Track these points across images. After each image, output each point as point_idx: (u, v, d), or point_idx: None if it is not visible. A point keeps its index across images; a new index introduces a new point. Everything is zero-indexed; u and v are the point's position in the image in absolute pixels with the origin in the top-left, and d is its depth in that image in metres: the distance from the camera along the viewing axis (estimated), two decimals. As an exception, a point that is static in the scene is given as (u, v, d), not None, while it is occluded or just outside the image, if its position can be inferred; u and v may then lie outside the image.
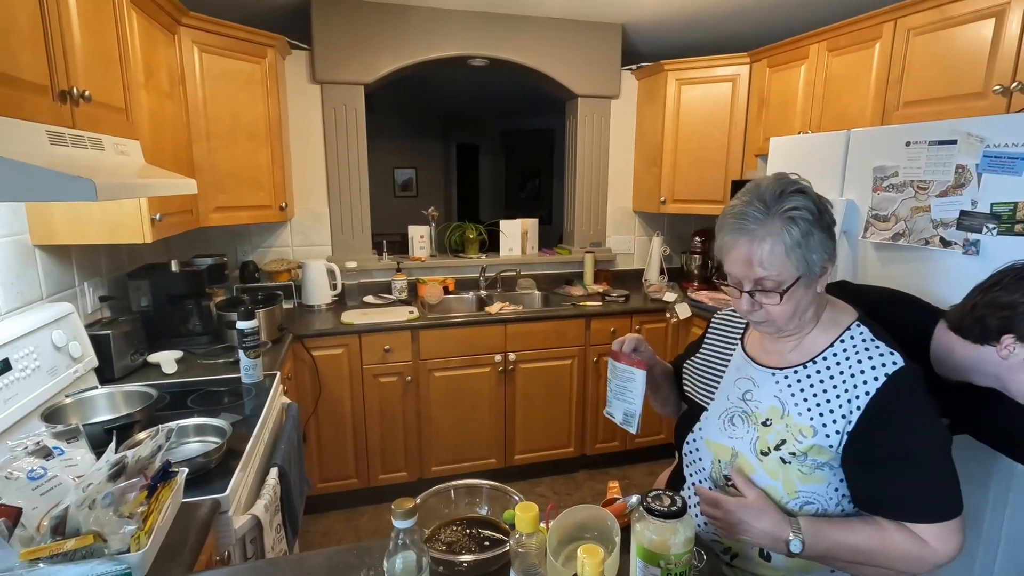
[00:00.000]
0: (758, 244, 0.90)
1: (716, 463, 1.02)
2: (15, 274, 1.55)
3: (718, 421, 1.03)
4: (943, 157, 1.48)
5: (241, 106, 2.38)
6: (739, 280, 0.95)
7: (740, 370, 1.05)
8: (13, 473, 0.94)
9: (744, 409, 1.01)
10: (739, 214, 0.92)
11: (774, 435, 0.95)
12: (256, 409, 1.60)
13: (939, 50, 1.91)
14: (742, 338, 1.11)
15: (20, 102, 1.08)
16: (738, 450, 0.98)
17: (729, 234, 0.93)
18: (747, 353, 1.07)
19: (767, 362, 1.02)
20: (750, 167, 2.92)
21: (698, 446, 1.06)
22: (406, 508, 0.75)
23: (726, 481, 1.00)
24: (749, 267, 0.91)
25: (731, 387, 1.05)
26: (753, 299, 0.94)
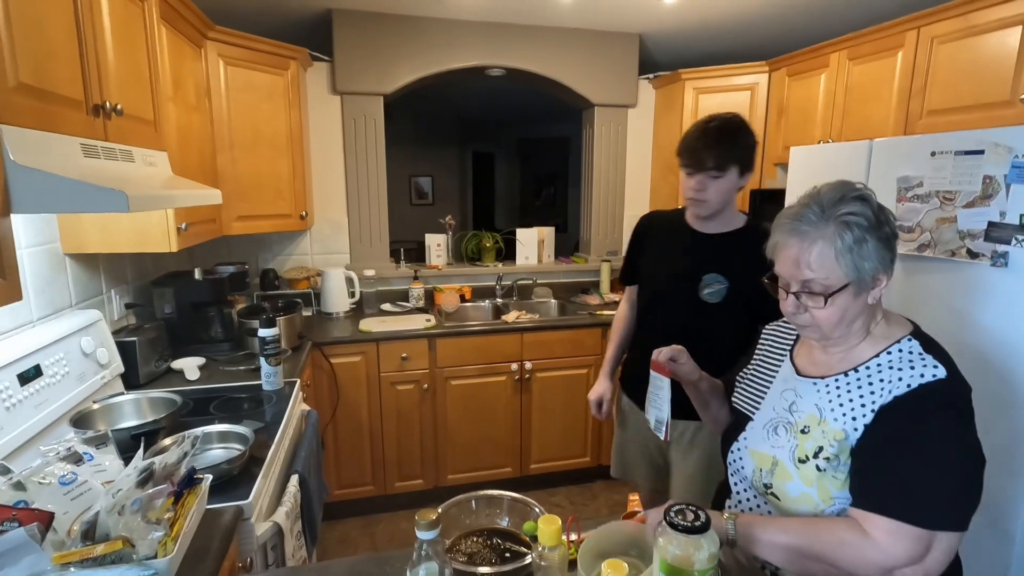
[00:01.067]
0: (808, 246, 0.90)
1: (757, 471, 1.01)
2: (46, 281, 1.59)
3: (762, 431, 1.03)
4: (970, 167, 1.46)
5: (264, 117, 2.43)
6: (787, 281, 0.95)
7: (787, 382, 1.05)
8: (46, 478, 0.96)
9: (789, 420, 1.00)
10: (795, 215, 0.92)
11: (812, 443, 0.95)
12: (277, 416, 1.62)
13: (964, 59, 1.89)
14: (791, 350, 1.10)
15: (56, 116, 1.12)
16: (778, 458, 0.98)
17: (782, 234, 0.94)
18: (795, 365, 1.06)
19: (812, 373, 1.02)
20: (769, 176, 2.90)
21: (742, 455, 1.06)
22: (429, 519, 0.75)
23: (766, 489, 0.99)
24: (797, 268, 0.91)
25: (777, 398, 1.05)
26: (798, 301, 0.94)
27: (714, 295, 1.46)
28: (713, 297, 1.46)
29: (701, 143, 1.35)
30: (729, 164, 1.35)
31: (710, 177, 1.36)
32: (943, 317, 1.56)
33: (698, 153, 1.35)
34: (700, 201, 1.41)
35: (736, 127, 1.39)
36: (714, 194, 1.39)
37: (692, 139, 1.37)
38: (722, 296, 1.45)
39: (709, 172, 1.35)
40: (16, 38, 1.00)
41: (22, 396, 1.28)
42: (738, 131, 1.38)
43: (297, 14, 2.70)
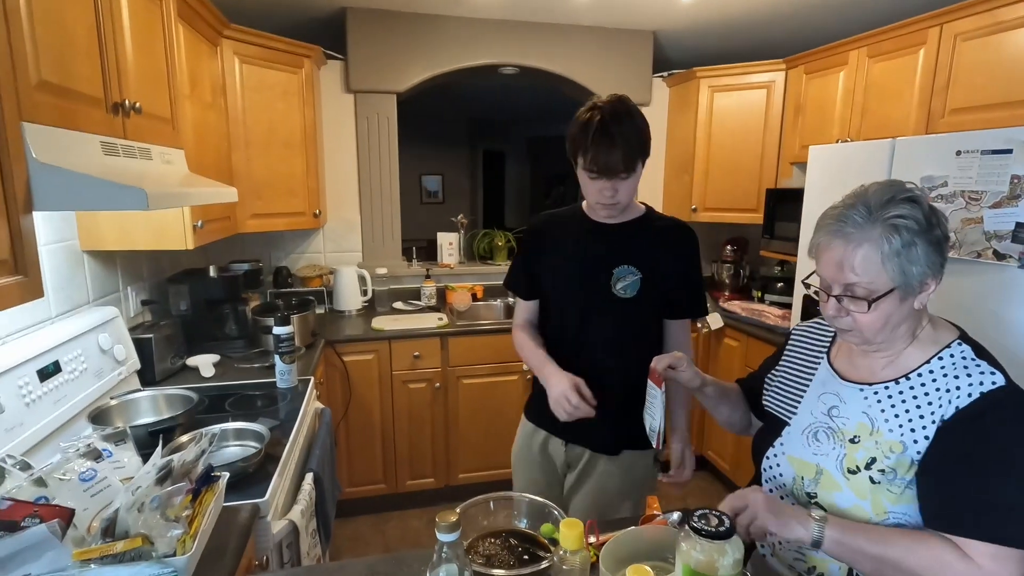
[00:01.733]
0: (853, 248, 0.86)
1: (798, 479, 0.97)
2: (65, 279, 1.60)
3: (801, 437, 0.99)
4: (997, 167, 1.43)
5: (278, 115, 2.43)
6: (828, 283, 0.91)
7: (825, 385, 1.01)
8: (66, 475, 0.97)
9: (830, 425, 0.96)
10: (839, 216, 0.88)
11: (863, 453, 0.91)
12: (291, 414, 1.62)
13: (989, 56, 1.85)
14: (828, 352, 1.06)
15: (77, 114, 1.12)
16: (823, 467, 0.94)
17: (825, 235, 0.90)
18: (833, 368, 1.02)
19: (855, 377, 0.98)
20: (785, 176, 2.86)
21: (779, 461, 1.02)
22: (450, 521, 0.74)
23: (809, 499, 0.95)
24: (840, 271, 0.87)
25: (815, 402, 1.01)
26: (840, 304, 0.90)
27: (628, 288, 1.35)
28: (627, 291, 1.35)
29: (603, 148, 1.20)
30: (636, 161, 1.26)
31: (620, 179, 1.25)
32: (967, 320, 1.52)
33: (604, 160, 1.22)
34: (612, 205, 1.30)
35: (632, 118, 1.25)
36: (625, 195, 1.29)
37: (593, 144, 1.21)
38: (636, 289, 1.34)
39: (619, 176, 1.25)
40: (38, 36, 1.00)
41: (41, 392, 1.29)
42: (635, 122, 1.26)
43: (311, 12, 2.70)
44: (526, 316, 1.53)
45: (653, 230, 1.38)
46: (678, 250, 1.38)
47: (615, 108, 1.24)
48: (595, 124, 1.21)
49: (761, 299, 3.00)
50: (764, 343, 2.55)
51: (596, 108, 1.24)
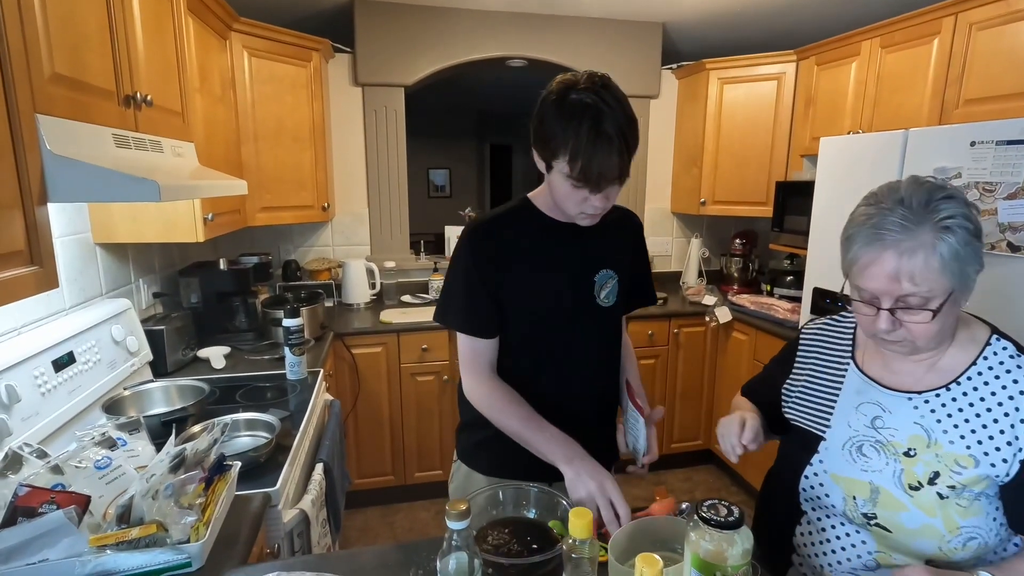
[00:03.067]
0: (908, 257, 0.79)
1: (850, 500, 0.90)
2: (78, 271, 1.62)
3: (843, 452, 0.92)
4: (1012, 157, 1.41)
5: (287, 109, 2.44)
6: (876, 296, 0.84)
7: (862, 394, 0.94)
8: (82, 462, 0.98)
9: (877, 438, 0.90)
10: (879, 223, 0.81)
11: (923, 467, 0.85)
12: (301, 405, 1.63)
13: (1005, 45, 1.82)
14: (852, 355, 0.98)
15: (89, 106, 1.13)
16: (878, 484, 0.88)
17: (865, 246, 0.82)
18: (866, 373, 0.95)
19: (897, 384, 0.91)
20: (795, 168, 2.84)
21: (821, 480, 0.94)
22: (460, 510, 0.75)
23: (867, 520, 0.89)
24: (895, 283, 0.80)
25: (852, 413, 0.94)
26: (894, 318, 0.83)
27: (610, 295, 1.18)
28: (609, 298, 1.18)
29: (600, 154, 0.95)
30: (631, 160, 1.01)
31: (616, 186, 1.03)
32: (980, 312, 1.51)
33: (599, 169, 0.96)
34: (600, 215, 1.08)
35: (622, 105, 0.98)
36: (614, 200, 1.07)
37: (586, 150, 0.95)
38: (616, 295, 1.19)
39: (616, 184, 1.02)
40: (51, 29, 1.01)
41: (56, 382, 1.30)
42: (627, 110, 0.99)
43: (319, 5, 2.70)
44: (486, 361, 1.15)
45: (611, 223, 1.18)
46: (634, 240, 1.26)
47: (602, 96, 0.95)
48: (586, 122, 0.94)
49: (770, 293, 2.98)
50: (773, 337, 2.54)
51: (575, 95, 0.96)
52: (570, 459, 1.02)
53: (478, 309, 1.13)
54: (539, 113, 1.02)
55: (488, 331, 1.14)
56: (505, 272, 1.12)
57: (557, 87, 1.00)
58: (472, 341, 1.14)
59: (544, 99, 1.02)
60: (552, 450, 1.04)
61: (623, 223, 1.25)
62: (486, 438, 1.18)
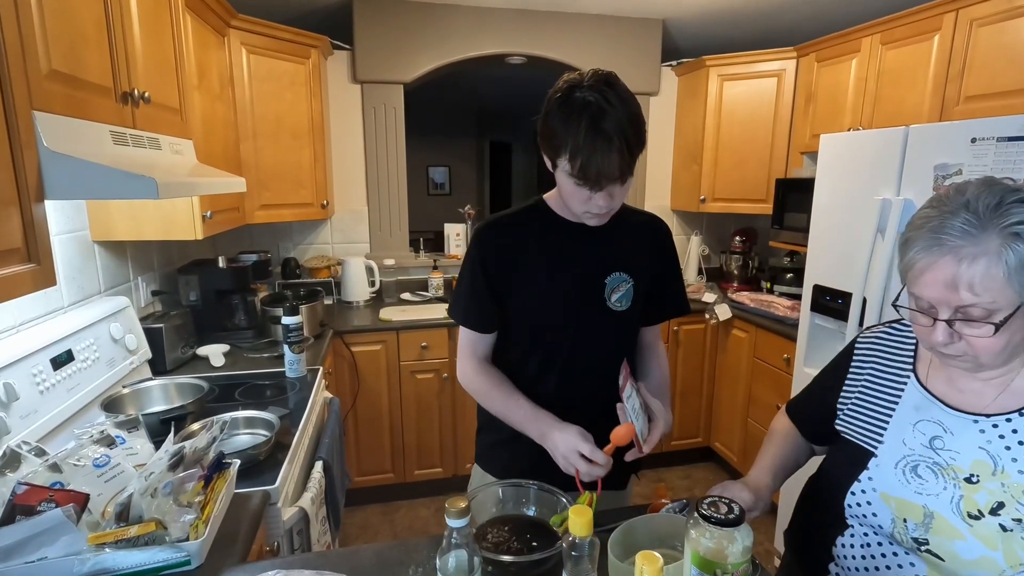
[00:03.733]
0: (968, 264, 0.73)
1: (899, 522, 0.85)
2: (76, 269, 1.62)
3: (895, 471, 0.86)
4: (1013, 154, 1.41)
5: (285, 106, 2.43)
6: (934, 306, 0.78)
7: (921, 411, 0.88)
8: (80, 461, 0.98)
9: (935, 460, 0.84)
10: (939, 227, 0.75)
11: (986, 495, 0.79)
12: (301, 403, 1.63)
13: (1006, 41, 1.82)
14: (914, 368, 0.92)
15: (87, 103, 1.13)
16: (933, 509, 0.82)
17: (923, 251, 0.76)
18: (928, 390, 0.89)
19: (962, 404, 0.85)
20: (795, 165, 2.83)
21: (869, 499, 0.88)
22: (460, 507, 0.75)
23: (918, 545, 0.83)
24: (953, 291, 0.75)
25: (908, 430, 0.88)
26: (951, 329, 0.77)
27: (623, 299, 1.15)
28: (623, 302, 1.15)
29: (598, 153, 0.94)
30: (635, 160, 1.00)
31: (618, 186, 1.01)
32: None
33: (598, 167, 0.96)
34: (605, 214, 1.07)
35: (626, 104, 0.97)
36: (621, 199, 1.06)
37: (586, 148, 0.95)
38: (630, 299, 1.16)
39: (617, 183, 1.01)
40: (48, 25, 1.01)
41: (55, 380, 1.30)
42: (630, 109, 0.97)
43: (317, 2, 2.69)
44: (481, 352, 1.20)
45: (632, 227, 1.18)
46: (661, 247, 1.22)
47: (604, 94, 0.95)
48: (584, 120, 0.94)
49: (770, 290, 2.98)
50: (773, 334, 2.54)
51: (579, 93, 0.96)
52: (542, 436, 1.06)
53: (477, 304, 1.16)
54: (544, 111, 1.01)
55: (483, 326, 1.18)
56: (513, 270, 1.14)
57: (563, 85, 1.00)
58: (469, 332, 1.19)
59: (550, 97, 1.01)
60: (528, 429, 1.09)
61: (647, 228, 1.21)
62: (499, 441, 1.22)
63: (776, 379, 2.52)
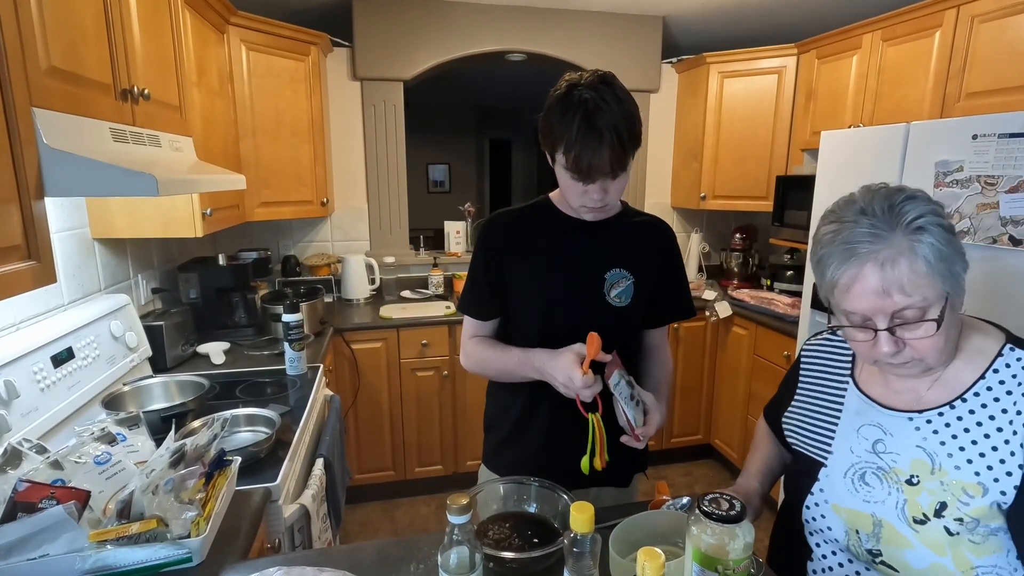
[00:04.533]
0: (891, 267, 0.71)
1: (852, 534, 0.82)
2: (76, 266, 1.62)
3: (844, 480, 0.84)
4: (1014, 151, 1.40)
5: (285, 103, 2.43)
6: (869, 317, 0.75)
7: (862, 415, 0.86)
8: (81, 458, 0.98)
9: (879, 464, 0.81)
10: (848, 238, 0.73)
11: (927, 496, 0.76)
12: (301, 400, 1.63)
13: (1007, 38, 1.81)
14: (852, 373, 0.90)
15: (86, 100, 1.12)
16: (881, 517, 0.79)
17: (842, 264, 0.74)
18: (865, 393, 0.87)
19: (897, 404, 0.83)
20: (796, 162, 2.83)
21: (823, 512, 0.86)
22: (461, 504, 0.75)
23: (872, 557, 0.81)
24: (885, 297, 0.72)
25: (853, 437, 0.85)
26: (895, 337, 0.74)
27: (623, 295, 1.17)
28: (622, 298, 1.17)
29: (589, 147, 0.99)
30: (628, 157, 1.04)
31: (610, 180, 1.05)
32: (982, 308, 1.51)
33: (589, 161, 1.00)
34: (602, 208, 1.11)
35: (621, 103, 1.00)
36: (615, 195, 1.09)
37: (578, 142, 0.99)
38: (630, 296, 1.17)
39: (608, 177, 1.04)
40: (47, 22, 1.00)
41: (56, 378, 1.30)
42: (625, 108, 1.01)
43: (317, -1, 2.69)
44: (477, 333, 1.26)
45: (633, 227, 1.21)
46: (663, 248, 1.23)
47: (600, 92, 1.00)
48: (578, 116, 0.99)
49: (770, 287, 2.98)
50: (773, 331, 2.54)
51: (576, 91, 1.00)
52: (541, 369, 1.09)
53: (476, 293, 1.23)
54: (545, 108, 1.06)
55: (481, 314, 1.25)
56: (513, 262, 1.19)
57: (563, 84, 1.05)
58: (470, 320, 1.27)
59: (550, 95, 1.06)
60: (527, 371, 1.13)
61: (650, 229, 1.23)
62: (505, 440, 1.28)
63: (776, 376, 2.52)
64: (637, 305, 1.19)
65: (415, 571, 0.91)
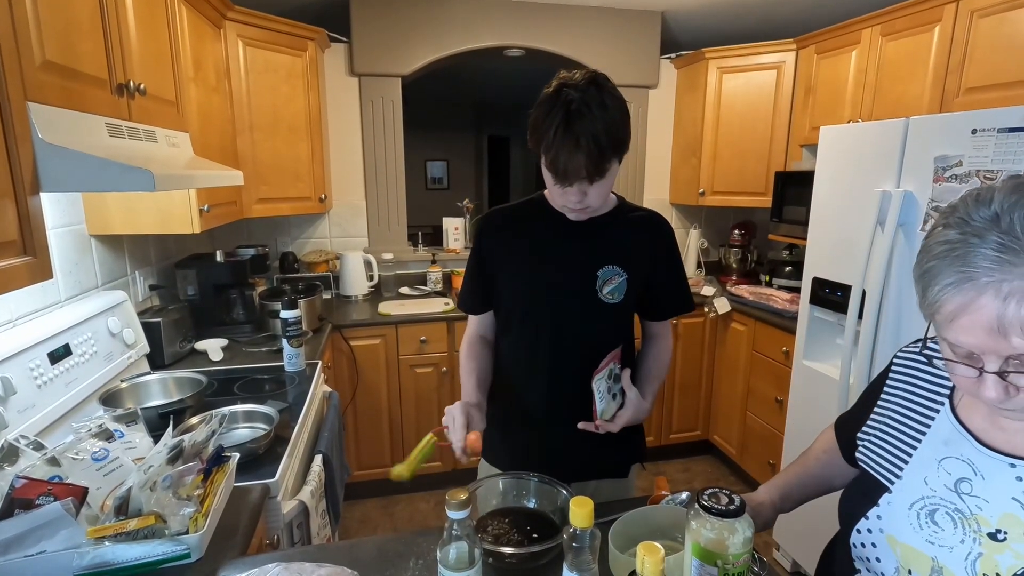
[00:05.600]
0: (1017, 304, 0.56)
1: (904, 572, 0.73)
2: (73, 263, 1.61)
3: (909, 513, 0.73)
4: (1014, 145, 1.40)
5: (282, 99, 2.42)
6: (977, 354, 0.62)
7: (950, 446, 0.73)
8: (79, 454, 0.98)
9: (957, 506, 0.70)
10: (965, 256, 0.59)
11: (1011, 557, 0.65)
12: (300, 397, 1.63)
13: (1007, 32, 1.81)
14: (950, 396, 0.77)
15: (82, 95, 1.11)
16: (943, 564, 0.69)
17: (952, 288, 0.60)
18: (961, 421, 0.74)
19: (1000, 444, 0.70)
20: (795, 158, 2.83)
21: (875, 540, 0.77)
22: (460, 499, 0.74)
23: None
24: (1000, 339, 0.58)
25: (932, 467, 0.74)
26: (1005, 382, 0.61)
27: (616, 292, 1.17)
28: (615, 295, 1.17)
29: (565, 151, 0.99)
30: (607, 164, 1.04)
31: (588, 184, 1.05)
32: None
33: (564, 164, 1.00)
34: (583, 209, 1.11)
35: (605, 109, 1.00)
36: (596, 198, 1.09)
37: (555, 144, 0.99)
38: (623, 292, 1.17)
39: (585, 181, 1.04)
40: (42, 15, 0.99)
41: (53, 374, 1.30)
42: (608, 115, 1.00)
43: (315, -6, 2.67)
44: (477, 330, 1.30)
45: (629, 223, 1.21)
46: (659, 243, 1.22)
47: (585, 96, 0.98)
48: (559, 118, 0.98)
49: (769, 283, 2.98)
50: (772, 327, 2.54)
51: (564, 91, 1.00)
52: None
53: (470, 287, 1.28)
54: (535, 104, 1.06)
55: (474, 307, 1.30)
56: (504, 258, 1.22)
57: (555, 81, 1.04)
58: (472, 316, 1.32)
59: (543, 91, 1.06)
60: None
61: (646, 225, 1.22)
62: (505, 435, 1.26)
63: (775, 372, 2.53)
64: (630, 301, 1.19)
65: (414, 567, 0.91)
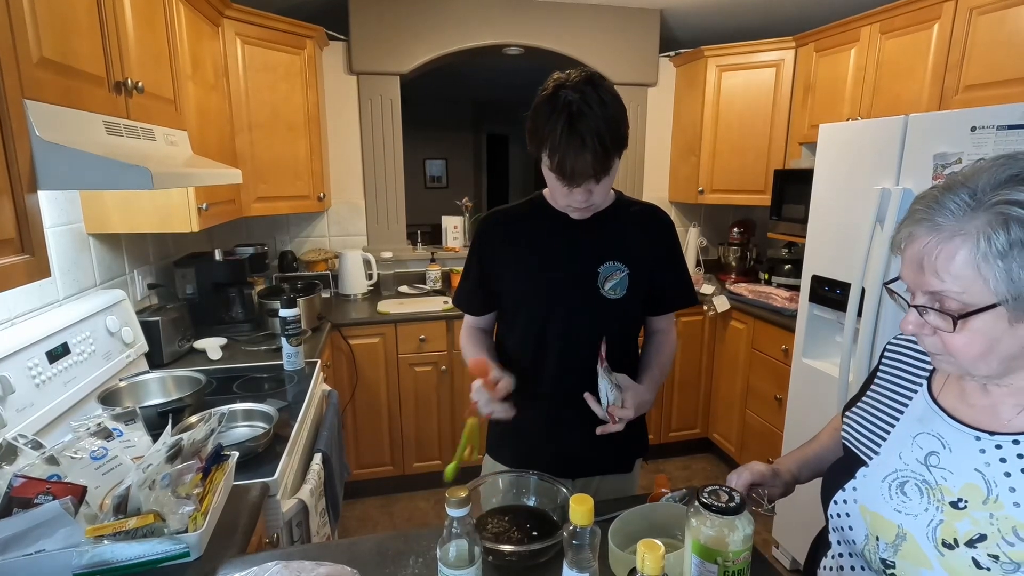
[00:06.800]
0: (938, 243, 0.63)
1: (871, 540, 0.77)
2: (71, 261, 1.61)
3: (882, 484, 0.78)
4: (1013, 143, 1.40)
5: (281, 97, 2.41)
6: (912, 290, 0.69)
7: (924, 423, 0.78)
8: (78, 453, 0.97)
9: (925, 478, 0.74)
10: (933, 200, 0.66)
11: (968, 524, 0.69)
12: (299, 395, 1.62)
13: (1006, 30, 1.81)
14: (929, 378, 0.81)
15: (80, 93, 1.11)
16: (907, 530, 0.73)
17: (909, 224, 0.68)
18: (936, 400, 0.79)
19: (968, 419, 0.74)
20: (793, 156, 2.83)
21: (849, 510, 0.81)
22: (460, 497, 0.74)
23: (884, 567, 0.75)
24: (920, 272, 0.66)
25: (906, 443, 0.78)
26: (921, 318, 0.68)
27: (617, 287, 1.17)
28: (617, 290, 1.17)
29: (571, 151, 0.99)
30: (611, 161, 1.04)
31: (594, 183, 1.06)
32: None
33: (572, 165, 1.01)
34: (587, 208, 1.12)
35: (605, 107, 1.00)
36: (600, 196, 1.10)
37: (561, 146, 0.99)
38: (625, 287, 1.17)
39: (592, 181, 1.05)
40: (39, 12, 0.99)
41: (51, 373, 1.29)
42: (609, 112, 1.01)
43: (313, -8, 2.67)
44: (476, 324, 1.32)
45: (629, 217, 1.21)
46: (659, 237, 1.22)
47: (584, 96, 0.99)
48: (562, 119, 0.98)
49: (768, 281, 2.98)
50: (771, 325, 2.54)
51: (562, 92, 1.00)
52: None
53: (468, 288, 1.29)
54: (532, 107, 1.06)
55: (472, 308, 1.30)
56: (505, 258, 1.22)
57: (551, 83, 1.04)
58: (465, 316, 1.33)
59: (538, 94, 1.06)
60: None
61: (647, 219, 1.22)
62: (510, 430, 1.24)
63: (774, 370, 2.53)
64: (632, 297, 1.19)
65: (414, 564, 0.91)
